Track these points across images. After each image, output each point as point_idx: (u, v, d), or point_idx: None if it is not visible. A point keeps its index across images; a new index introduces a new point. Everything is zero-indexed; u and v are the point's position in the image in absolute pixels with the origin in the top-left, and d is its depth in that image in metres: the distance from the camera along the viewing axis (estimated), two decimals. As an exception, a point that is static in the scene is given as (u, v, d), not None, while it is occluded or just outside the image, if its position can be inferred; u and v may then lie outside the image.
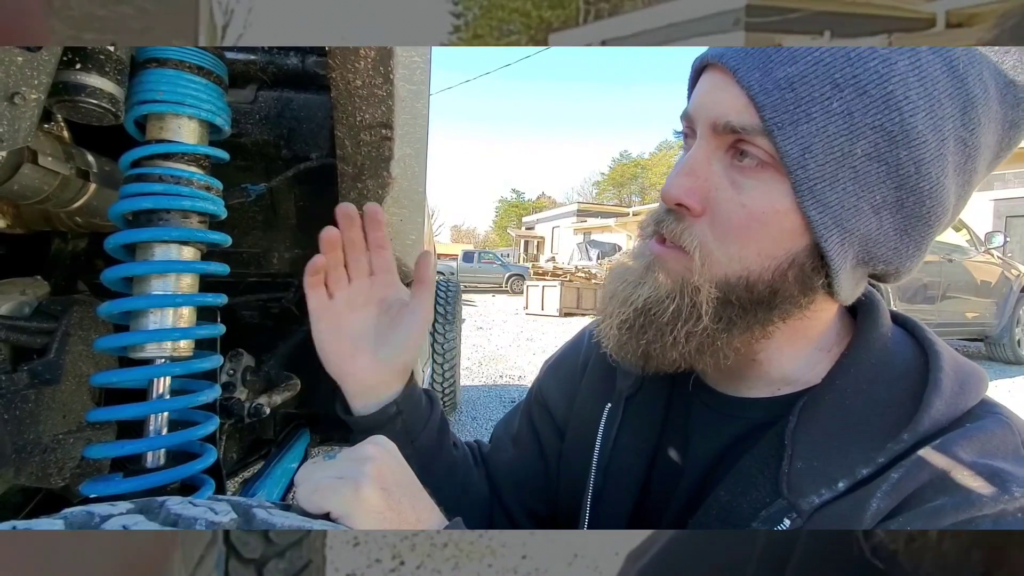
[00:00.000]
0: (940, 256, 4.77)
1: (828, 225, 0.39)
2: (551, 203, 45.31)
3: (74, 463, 0.69)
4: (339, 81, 0.63)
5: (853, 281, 0.44)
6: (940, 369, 0.42)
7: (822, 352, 0.48)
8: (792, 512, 0.40)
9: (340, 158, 0.70)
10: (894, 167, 0.38)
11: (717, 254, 0.42)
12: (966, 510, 0.35)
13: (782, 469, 0.41)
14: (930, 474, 0.37)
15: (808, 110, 0.37)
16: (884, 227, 0.40)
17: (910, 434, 0.39)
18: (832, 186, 0.38)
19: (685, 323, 0.43)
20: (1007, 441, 0.39)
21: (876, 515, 0.37)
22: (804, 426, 0.42)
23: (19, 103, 0.45)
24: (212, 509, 0.29)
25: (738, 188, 0.41)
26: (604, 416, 0.57)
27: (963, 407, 0.41)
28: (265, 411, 0.95)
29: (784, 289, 0.42)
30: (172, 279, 0.59)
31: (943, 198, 0.40)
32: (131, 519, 0.26)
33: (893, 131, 0.37)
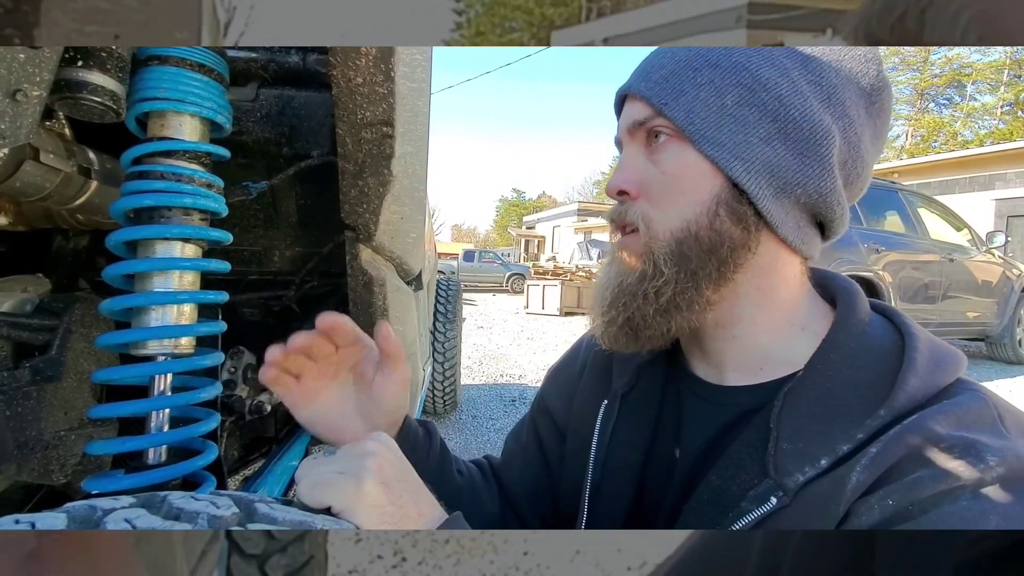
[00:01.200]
0: (941, 256, 4.76)
1: (728, 158, 0.47)
2: (552, 202, 45.29)
3: (76, 460, 0.70)
4: (340, 79, 0.64)
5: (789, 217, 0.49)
6: (915, 349, 0.44)
7: (798, 330, 0.51)
8: (779, 491, 0.42)
9: (341, 156, 0.70)
10: (762, 107, 0.47)
11: (657, 218, 0.50)
12: (944, 481, 0.37)
13: (768, 451, 0.44)
14: (907, 448, 0.39)
15: (681, 88, 0.48)
16: (780, 154, 0.47)
17: (887, 411, 0.41)
18: (719, 130, 0.47)
19: (651, 280, 0.49)
20: (983, 415, 0.41)
21: (856, 489, 0.39)
22: (788, 410, 0.45)
23: (21, 100, 0.45)
24: (214, 504, 0.29)
25: (656, 163, 0.50)
26: (600, 413, 0.59)
27: (938, 384, 0.43)
28: (266, 408, 0.95)
29: (724, 230, 0.48)
30: (173, 276, 0.60)
31: (817, 121, 0.47)
32: (133, 513, 0.27)
33: (748, 83, 0.47)
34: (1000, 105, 21.22)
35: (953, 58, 20.80)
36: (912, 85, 23.09)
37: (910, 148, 22.58)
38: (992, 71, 20.59)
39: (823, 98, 0.47)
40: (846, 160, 0.49)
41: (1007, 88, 20.69)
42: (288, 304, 1.06)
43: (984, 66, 20.63)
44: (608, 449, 0.57)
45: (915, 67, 22.49)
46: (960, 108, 22.33)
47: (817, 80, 0.47)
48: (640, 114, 0.50)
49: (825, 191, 0.48)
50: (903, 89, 23.53)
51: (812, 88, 0.47)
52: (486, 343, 6.31)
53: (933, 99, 23.27)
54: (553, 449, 0.66)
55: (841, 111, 0.48)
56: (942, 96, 23.08)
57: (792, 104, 0.47)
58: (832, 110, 0.48)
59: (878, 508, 0.38)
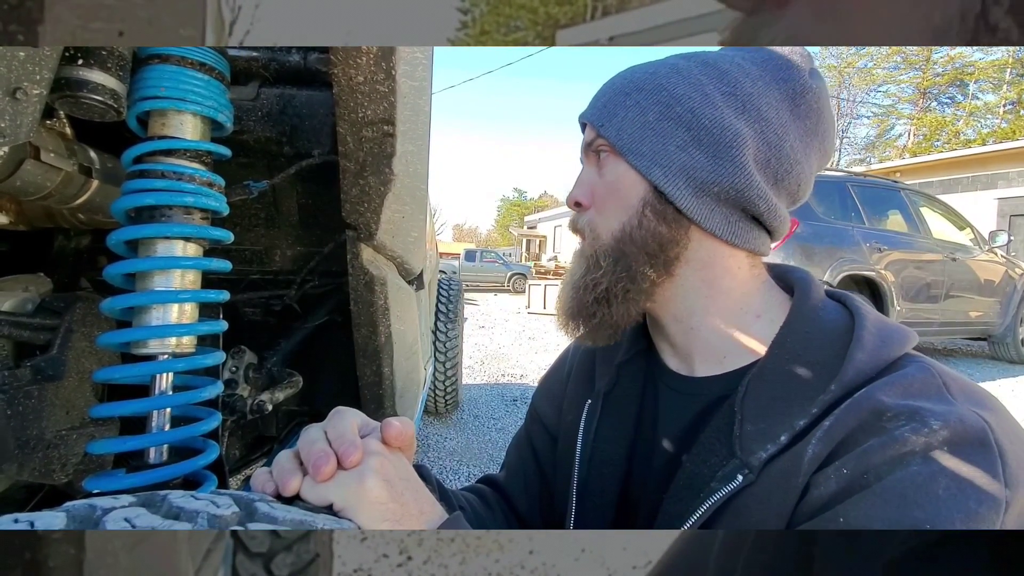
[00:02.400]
0: (943, 255, 4.75)
1: (649, 167, 0.53)
2: (553, 202, 45.25)
3: (77, 459, 0.69)
4: (341, 77, 0.63)
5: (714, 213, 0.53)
6: (863, 327, 0.48)
7: (753, 317, 0.55)
8: (744, 469, 0.45)
9: (342, 154, 0.70)
10: (677, 119, 0.53)
11: (600, 223, 0.57)
12: (892, 447, 0.39)
13: (734, 433, 0.47)
14: (857, 419, 0.42)
15: (614, 111, 0.56)
16: (694, 156, 0.53)
17: (837, 385, 0.44)
18: (642, 143, 0.54)
19: (590, 273, 0.56)
20: (928, 383, 0.43)
21: (813, 460, 0.42)
22: (751, 394, 0.48)
23: (21, 98, 0.45)
24: (214, 503, 0.29)
25: (602, 176, 0.57)
26: (585, 412, 0.62)
27: (886, 358, 0.46)
28: (267, 408, 0.95)
29: (652, 228, 0.53)
30: (175, 275, 0.59)
31: (727, 125, 0.52)
32: (133, 512, 0.26)
33: (665, 100, 0.53)
34: (1002, 104, 21.15)
35: (955, 57, 20.73)
36: (914, 84, 23.02)
37: (912, 147, 22.52)
38: (995, 70, 20.52)
39: (736, 106, 0.53)
40: (768, 159, 0.53)
41: (1009, 87, 20.62)
42: (289, 303, 1.06)
43: (987, 65, 20.57)
44: (593, 446, 0.60)
45: (917, 66, 22.44)
46: (962, 107, 22.25)
47: (731, 91, 0.53)
48: (588, 136, 0.59)
49: (742, 186, 0.52)
50: (905, 88, 23.47)
51: (725, 98, 0.53)
52: (488, 343, 6.31)
53: (935, 98, 23.19)
54: (547, 456, 0.68)
55: (756, 115, 0.53)
56: (944, 95, 23.01)
57: (703, 113, 0.52)
58: (746, 116, 0.53)
59: (834, 478, 0.40)
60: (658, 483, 0.54)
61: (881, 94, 24.37)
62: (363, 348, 0.92)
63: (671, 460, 0.54)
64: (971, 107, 22.02)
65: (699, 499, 0.46)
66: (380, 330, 0.90)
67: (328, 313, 1.13)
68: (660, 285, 0.55)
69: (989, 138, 19.62)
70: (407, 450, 0.48)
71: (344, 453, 0.40)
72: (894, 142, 24.62)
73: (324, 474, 0.38)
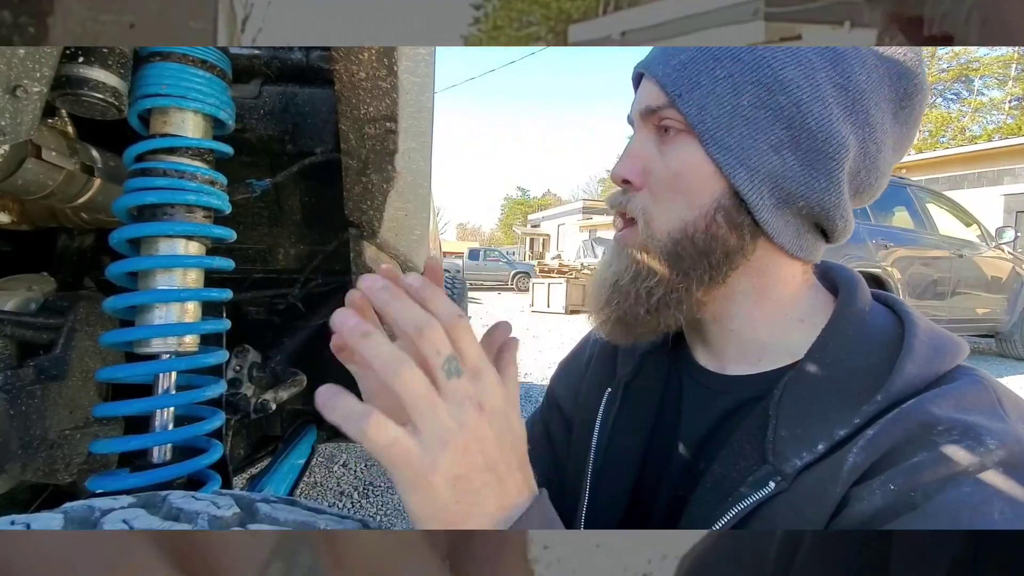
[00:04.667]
0: (950, 252, 4.71)
1: (733, 164, 0.46)
2: (557, 200, 45.20)
3: (81, 459, 0.69)
4: (343, 74, 0.63)
5: (788, 226, 0.48)
6: (914, 336, 0.44)
7: (796, 322, 0.50)
8: (777, 476, 0.42)
9: (344, 152, 0.69)
10: (777, 111, 0.45)
11: (657, 215, 0.49)
12: (945, 465, 0.36)
13: (767, 438, 0.44)
14: (905, 430, 0.39)
15: (698, 80, 0.46)
16: (788, 163, 0.46)
17: (884, 396, 0.41)
18: (729, 132, 0.45)
19: (645, 280, 0.49)
20: (982, 398, 0.40)
21: (853, 471, 0.39)
22: (787, 397, 0.45)
23: (21, 96, 0.45)
24: (215, 503, 0.28)
25: (665, 155, 0.48)
26: (604, 400, 0.59)
27: (937, 371, 0.43)
28: (271, 407, 0.95)
29: (719, 235, 0.47)
30: (177, 274, 0.59)
31: (834, 132, 0.45)
32: (132, 513, 0.26)
33: (768, 82, 0.44)
34: (1008, 100, 20.99)
35: (960, 52, 20.59)
36: (919, 80, 22.85)
37: (918, 143, 22.37)
38: (1000, 65, 20.37)
39: (846, 104, 0.45)
40: (859, 170, 0.48)
41: (1015, 83, 20.46)
42: (293, 302, 1.05)
43: (992, 60, 20.42)
44: (611, 435, 0.57)
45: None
46: (968, 103, 22.11)
47: (844, 84, 0.45)
48: (654, 100, 0.48)
49: (829, 204, 0.47)
50: (910, 84, 23.26)
51: (836, 92, 0.45)
52: (491, 342, 6.30)
53: (940, 94, 23.02)
54: (562, 442, 0.66)
55: (864, 119, 0.46)
56: (950, 91, 22.85)
57: (810, 111, 0.44)
58: (854, 118, 0.45)
59: (879, 493, 0.37)
60: (677, 480, 0.51)
61: (886, 90, 24.17)
62: (367, 347, 0.92)
63: (693, 457, 0.51)
64: (977, 103, 21.88)
65: (727, 504, 0.43)
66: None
67: (332, 311, 1.12)
68: (711, 292, 0.49)
69: (995, 134, 19.49)
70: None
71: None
72: (899, 138, 24.40)
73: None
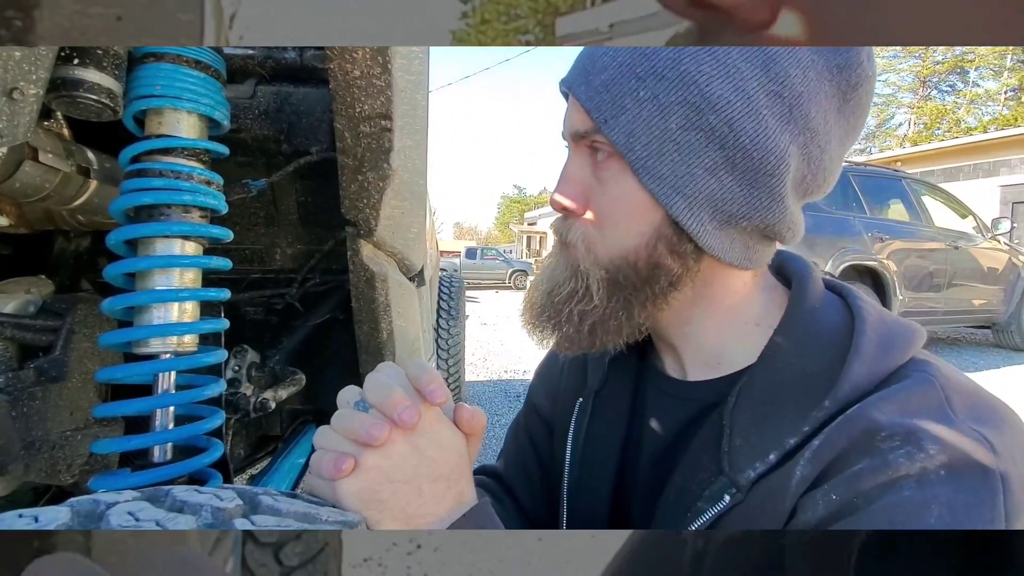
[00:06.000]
0: (946, 243, 4.73)
1: (669, 194, 0.43)
2: (553, 198, 45.13)
3: (82, 459, 0.70)
4: (337, 72, 0.63)
5: (735, 244, 0.46)
6: (862, 333, 0.43)
7: (752, 326, 0.49)
8: (732, 488, 0.42)
9: (340, 150, 0.70)
10: (708, 131, 0.42)
11: (598, 242, 0.47)
12: (884, 472, 0.36)
13: (722, 448, 0.43)
14: (848, 439, 0.38)
15: (622, 103, 0.43)
16: (727, 185, 0.43)
17: (831, 401, 0.40)
18: (660, 160, 0.43)
19: (578, 303, 0.47)
20: (928, 398, 0.39)
21: (801, 483, 0.39)
22: (741, 404, 0.44)
23: (18, 98, 0.45)
24: (217, 496, 0.29)
25: (601, 181, 0.46)
26: (576, 410, 0.59)
27: (886, 368, 0.42)
28: (270, 405, 0.95)
29: (662, 262, 0.45)
30: (175, 274, 0.59)
31: (772, 147, 0.42)
32: (136, 506, 0.27)
33: (695, 101, 0.41)
34: (1003, 91, 21.03)
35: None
36: (914, 72, 22.90)
37: (913, 136, 22.41)
38: (995, 57, 20.40)
39: (783, 113, 0.42)
40: (803, 176, 0.45)
41: (1010, 74, 20.50)
42: (291, 301, 1.06)
43: (987, 51, 20.44)
44: (584, 447, 0.57)
45: (917, 54, 22.30)
46: (963, 95, 22.14)
47: (779, 90, 0.41)
48: (581, 125, 0.46)
49: (774, 219, 0.45)
50: (905, 77, 23.34)
51: (770, 101, 0.41)
52: (490, 339, 6.32)
53: (935, 86, 23.07)
54: (545, 448, 0.67)
55: (803, 124, 0.43)
56: (945, 83, 22.89)
57: (744, 129, 0.41)
58: (792, 126, 0.42)
59: (822, 503, 0.37)
60: (650, 488, 0.51)
61: (881, 83, 24.21)
62: (365, 345, 0.92)
63: (662, 466, 0.51)
64: (972, 94, 21.91)
65: (687, 518, 0.43)
66: (382, 327, 0.90)
67: (330, 310, 1.13)
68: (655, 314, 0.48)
69: (990, 125, 19.52)
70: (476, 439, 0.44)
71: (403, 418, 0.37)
72: (894, 131, 24.51)
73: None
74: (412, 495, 0.38)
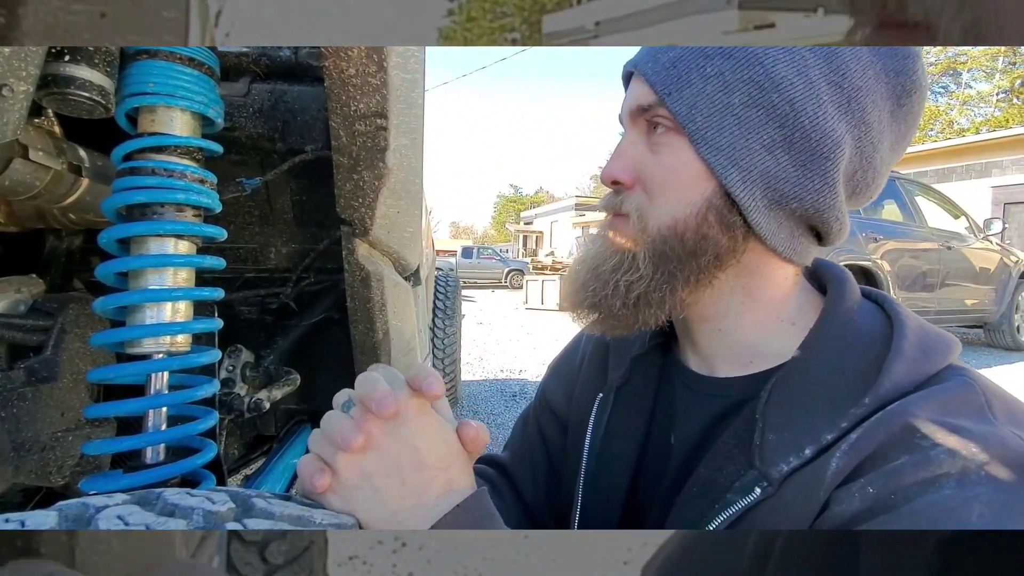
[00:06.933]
0: (939, 244, 4.76)
1: (725, 165, 0.45)
2: (549, 198, 45.20)
3: (74, 460, 0.69)
4: (332, 70, 0.63)
5: (782, 228, 0.47)
6: (904, 336, 0.43)
7: (788, 324, 0.50)
8: (763, 481, 0.42)
9: (335, 149, 0.69)
10: (770, 110, 0.44)
11: (649, 211, 0.48)
12: (925, 468, 0.36)
13: (754, 442, 0.43)
14: (888, 433, 0.38)
15: (688, 78, 0.45)
16: (782, 164, 0.45)
17: (872, 398, 0.40)
18: (720, 132, 0.45)
19: (625, 272, 0.48)
20: (970, 400, 0.39)
21: (836, 475, 0.39)
22: (775, 400, 0.44)
23: (7, 95, 0.44)
24: (209, 499, 0.28)
25: (656, 153, 0.48)
26: (596, 405, 0.59)
27: (927, 371, 0.42)
28: (265, 406, 0.95)
29: (710, 235, 0.46)
30: (168, 273, 0.59)
31: (829, 131, 0.44)
32: (126, 510, 0.26)
33: (760, 80, 0.43)
34: (996, 93, 21.19)
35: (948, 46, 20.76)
36: (908, 74, 23.00)
37: (906, 137, 22.52)
38: (987, 59, 20.55)
39: (841, 103, 0.44)
40: (855, 171, 0.46)
41: (1002, 76, 20.66)
42: (285, 301, 1.05)
43: (979, 54, 20.59)
44: (603, 440, 0.57)
45: (910, 56, 22.42)
46: (956, 96, 22.29)
47: (839, 81, 0.43)
48: (644, 99, 0.48)
49: (823, 206, 0.46)
50: (899, 78, 23.43)
51: (831, 90, 0.44)
52: (486, 339, 6.32)
53: (929, 87, 23.23)
54: (556, 443, 0.66)
55: (860, 117, 0.45)
56: (937, 84, 23.03)
57: (804, 110, 0.43)
58: (849, 116, 0.44)
59: (859, 496, 0.37)
60: (671, 484, 0.51)
61: (875, 84, 24.34)
62: (361, 344, 0.92)
63: (685, 462, 0.50)
64: (964, 96, 22.06)
65: (714, 510, 0.43)
66: (377, 326, 0.89)
67: (325, 310, 1.12)
68: (697, 292, 0.49)
69: (983, 127, 19.67)
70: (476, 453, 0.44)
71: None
72: (888, 132, 24.58)
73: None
74: (394, 486, 0.38)
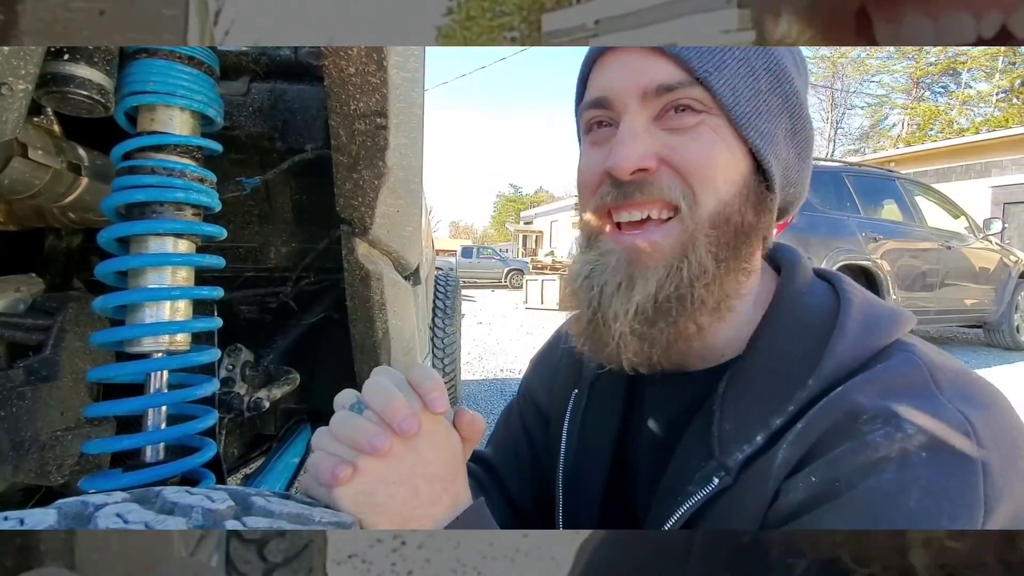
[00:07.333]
0: (939, 243, 4.76)
1: (767, 149, 0.45)
2: (549, 197, 45.19)
3: (73, 459, 0.69)
4: (332, 69, 0.63)
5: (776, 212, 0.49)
6: (848, 315, 0.43)
7: (751, 307, 0.49)
8: (721, 471, 0.42)
9: (335, 148, 0.69)
10: (784, 98, 0.45)
11: (698, 193, 0.44)
12: (863, 453, 0.36)
13: (712, 432, 0.44)
14: (831, 421, 0.38)
15: (722, 58, 0.43)
16: (790, 151, 0.47)
17: (815, 379, 0.41)
18: (759, 116, 0.45)
19: (699, 280, 0.43)
20: (913, 378, 0.39)
21: (783, 466, 0.39)
22: (730, 391, 0.45)
23: (6, 94, 0.44)
24: (209, 497, 0.28)
25: (689, 135, 0.44)
26: (571, 401, 0.59)
27: (870, 347, 0.42)
28: (264, 405, 0.95)
29: (748, 216, 0.45)
30: (167, 272, 0.59)
31: (809, 118, 0.47)
32: (125, 508, 0.26)
33: (775, 69, 0.45)
34: (995, 92, 21.18)
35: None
36: (907, 73, 23.03)
37: (906, 137, 22.53)
38: (987, 58, 20.54)
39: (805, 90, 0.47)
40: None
41: (1002, 75, 20.65)
42: (285, 300, 1.05)
43: (979, 54, 20.57)
44: (579, 437, 0.57)
45: (910, 55, 22.43)
46: (955, 96, 22.28)
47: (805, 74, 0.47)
48: (668, 76, 0.43)
49: (804, 192, 0.49)
50: (899, 78, 23.49)
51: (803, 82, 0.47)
52: (486, 338, 6.31)
53: (928, 87, 23.20)
54: (540, 437, 0.66)
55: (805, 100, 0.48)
56: (937, 84, 23.02)
57: (802, 103, 0.46)
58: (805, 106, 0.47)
59: (803, 486, 0.37)
60: (646, 479, 0.52)
61: (875, 84, 24.41)
62: (360, 344, 0.92)
63: (657, 456, 0.51)
64: (964, 96, 22.05)
65: (677, 502, 0.43)
66: (377, 325, 0.89)
67: (324, 309, 1.12)
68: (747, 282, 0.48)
69: (983, 127, 19.66)
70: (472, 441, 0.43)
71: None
72: (888, 132, 24.65)
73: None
74: (408, 496, 0.38)
